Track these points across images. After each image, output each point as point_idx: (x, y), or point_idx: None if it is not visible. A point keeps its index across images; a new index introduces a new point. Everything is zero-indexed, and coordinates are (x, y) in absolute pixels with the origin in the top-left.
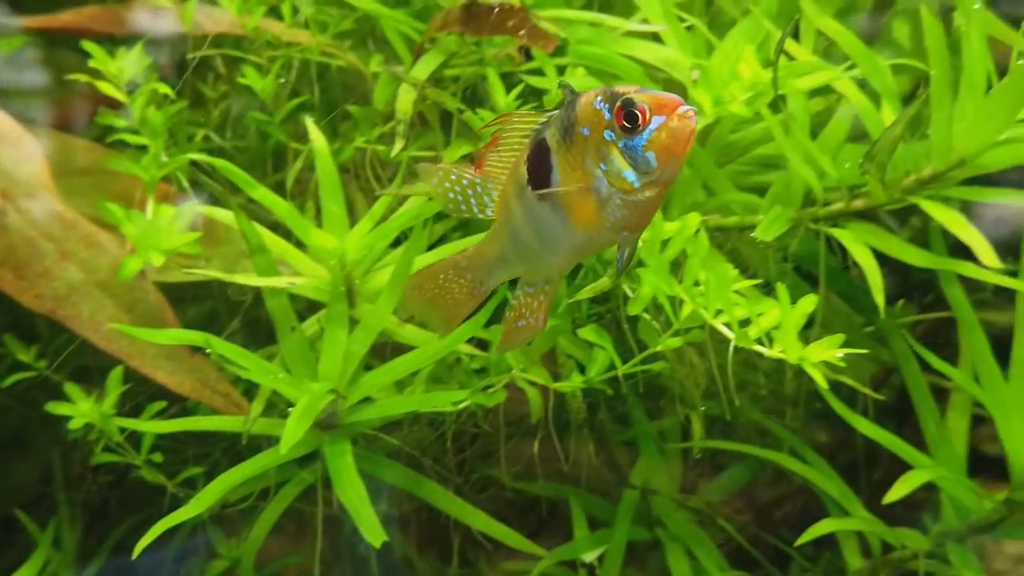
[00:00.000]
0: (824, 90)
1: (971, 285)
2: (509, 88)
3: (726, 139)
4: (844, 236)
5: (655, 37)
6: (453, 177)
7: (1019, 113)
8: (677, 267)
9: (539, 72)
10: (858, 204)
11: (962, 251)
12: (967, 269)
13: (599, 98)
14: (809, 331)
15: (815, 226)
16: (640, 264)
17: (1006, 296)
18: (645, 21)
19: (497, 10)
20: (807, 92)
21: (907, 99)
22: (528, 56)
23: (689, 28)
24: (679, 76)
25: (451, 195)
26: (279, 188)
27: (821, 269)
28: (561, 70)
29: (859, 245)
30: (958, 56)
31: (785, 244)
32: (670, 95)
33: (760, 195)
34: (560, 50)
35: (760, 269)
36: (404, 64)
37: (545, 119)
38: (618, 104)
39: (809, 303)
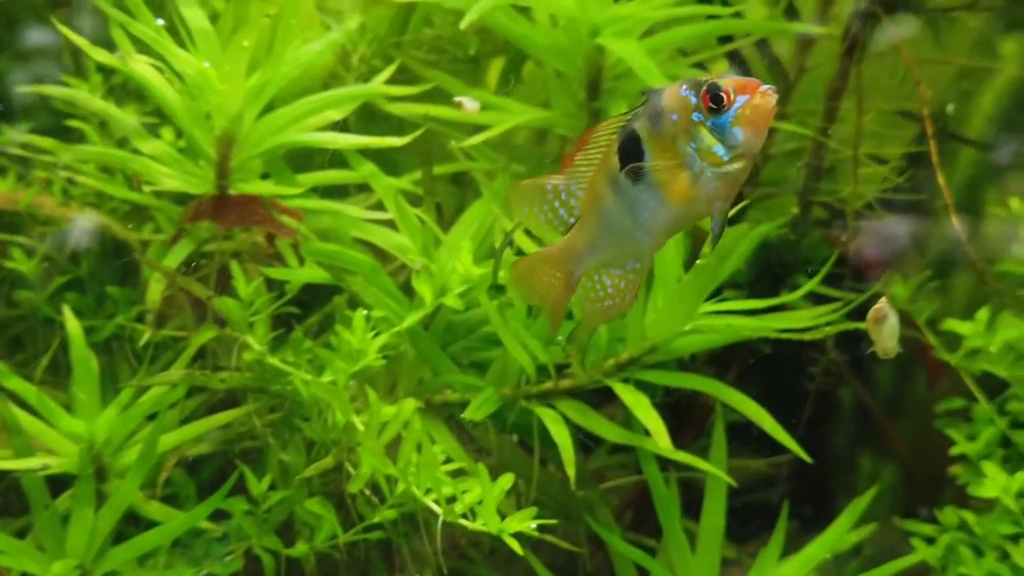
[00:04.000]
0: None
1: None
2: None
3: (455, 320)
4: (545, 415)
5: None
6: (539, 193)
7: (700, 307)
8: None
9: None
10: (565, 384)
11: None
12: (653, 445)
13: (684, 87)
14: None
15: (526, 403)
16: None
17: None
18: (381, 208)
19: (242, 202)
20: None
21: None
22: (272, 243)
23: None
24: (408, 262)
25: (542, 217)
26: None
27: (535, 441)
28: (302, 260)
29: (557, 424)
30: None
31: (505, 417)
32: (749, 79)
33: (485, 371)
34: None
35: (482, 439)
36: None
37: (629, 116)
38: (704, 89)
39: (507, 480)
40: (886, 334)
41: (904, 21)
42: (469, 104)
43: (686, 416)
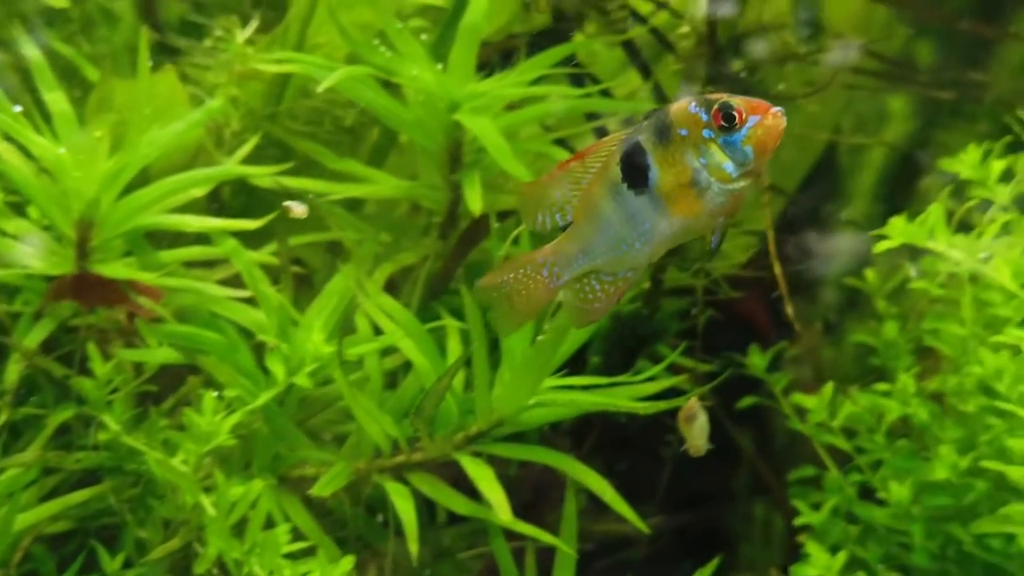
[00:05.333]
0: None
1: None
2: None
3: (314, 394)
4: (393, 489)
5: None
6: (538, 196)
7: (544, 383)
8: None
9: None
10: (417, 457)
11: None
12: (495, 516)
13: (693, 104)
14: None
15: (379, 477)
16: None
17: None
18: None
19: (102, 282)
20: (379, 351)
21: None
22: (132, 321)
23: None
24: (266, 339)
25: (540, 217)
26: None
27: (390, 515)
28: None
29: (402, 499)
30: None
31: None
32: (758, 99)
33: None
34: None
35: (338, 513)
36: None
37: (631, 129)
38: (716, 107)
39: (347, 563)
40: (696, 432)
41: None
42: (297, 208)
43: (546, 485)
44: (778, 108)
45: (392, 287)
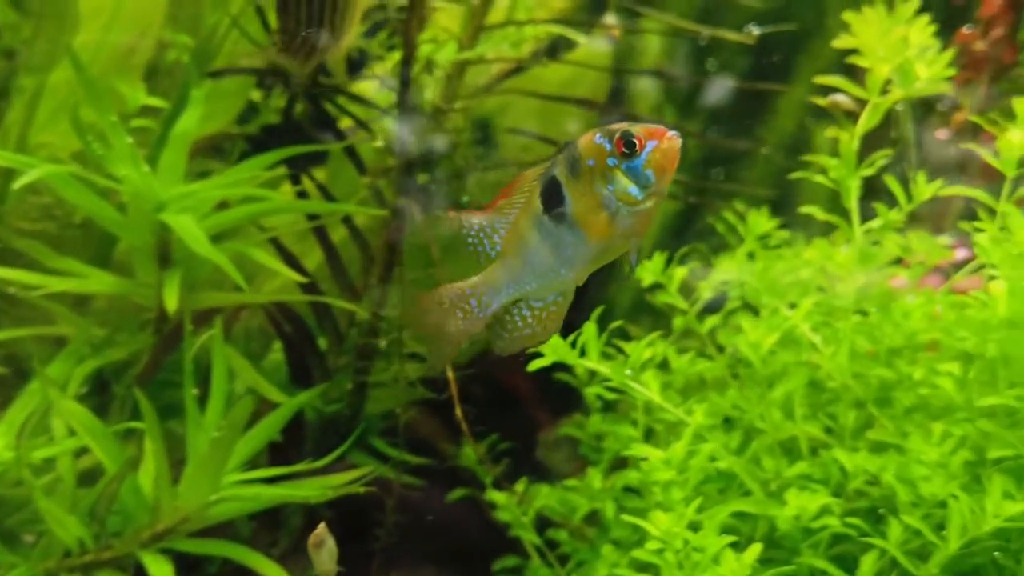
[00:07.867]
0: None
1: None
2: None
3: (8, 495)
4: None
5: None
6: (464, 224)
7: (229, 477)
8: None
9: None
10: (106, 555)
11: None
12: None
13: (598, 136)
14: None
15: (69, 575)
16: None
17: None
18: None
19: None
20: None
21: None
22: None
23: None
24: None
25: (467, 240)
26: None
27: None
28: None
29: None
30: None
31: None
32: (655, 125)
33: None
34: None
35: None
36: None
37: (547, 165)
38: (617, 136)
39: None
40: (324, 557)
41: None
42: None
43: None
44: (673, 132)
45: (105, 383)
